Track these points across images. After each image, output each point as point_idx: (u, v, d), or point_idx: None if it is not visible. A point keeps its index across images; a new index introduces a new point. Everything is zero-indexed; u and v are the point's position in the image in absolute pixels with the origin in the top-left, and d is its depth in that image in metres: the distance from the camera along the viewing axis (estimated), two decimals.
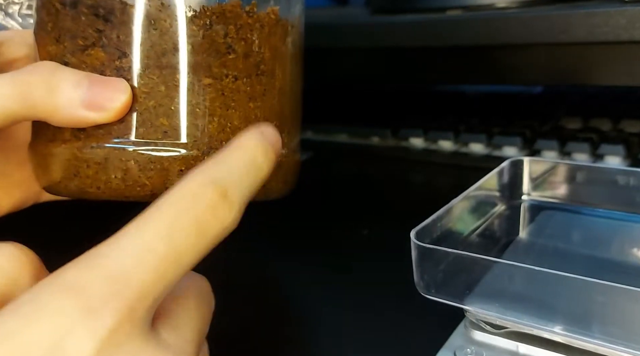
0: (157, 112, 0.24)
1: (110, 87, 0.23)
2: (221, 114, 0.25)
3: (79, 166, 0.25)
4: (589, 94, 0.58)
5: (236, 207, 0.19)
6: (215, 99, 0.25)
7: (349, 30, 0.48)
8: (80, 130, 0.25)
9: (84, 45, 0.24)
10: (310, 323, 0.27)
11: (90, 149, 0.25)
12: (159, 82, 0.24)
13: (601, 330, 0.20)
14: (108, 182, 0.25)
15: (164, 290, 0.17)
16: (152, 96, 0.24)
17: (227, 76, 0.25)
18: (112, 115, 0.23)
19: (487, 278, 0.22)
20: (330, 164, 0.51)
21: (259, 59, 0.26)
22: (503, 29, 0.40)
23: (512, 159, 0.32)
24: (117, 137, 0.24)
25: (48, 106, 0.23)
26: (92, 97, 0.23)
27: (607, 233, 0.30)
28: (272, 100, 0.27)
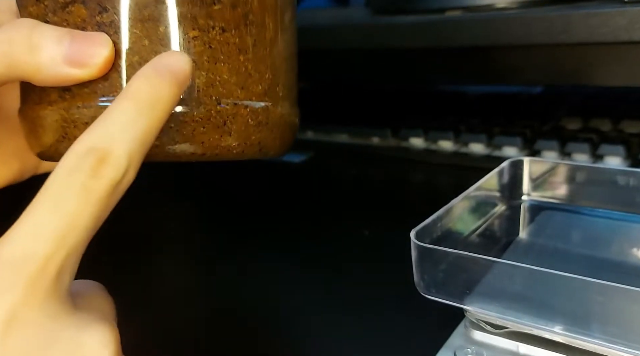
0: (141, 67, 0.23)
1: (92, 42, 0.23)
2: (209, 68, 0.24)
3: (67, 128, 0.24)
4: (589, 95, 0.58)
5: (123, 162, 0.19)
6: (203, 53, 0.24)
7: (350, 31, 0.48)
8: (65, 90, 0.24)
9: (64, 2, 0.24)
10: (310, 323, 0.27)
11: (76, 109, 0.24)
12: (142, 36, 0.24)
13: (601, 329, 0.20)
14: None
15: (69, 257, 0.18)
16: (136, 51, 0.24)
17: (213, 27, 0.24)
18: (95, 71, 0.23)
19: (487, 278, 0.22)
20: (331, 164, 0.51)
21: (247, 9, 0.25)
22: (503, 29, 0.40)
23: (512, 160, 0.32)
24: (103, 96, 0.24)
25: (30, 64, 0.23)
26: (74, 53, 0.22)
27: (607, 233, 0.30)
28: (263, 52, 0.26)
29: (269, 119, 0.26)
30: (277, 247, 0.35)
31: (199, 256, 0.35)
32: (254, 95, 0.26)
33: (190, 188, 0.47)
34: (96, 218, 0.19)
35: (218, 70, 0.24)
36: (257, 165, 0.51)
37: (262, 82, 0.26)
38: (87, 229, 0.18)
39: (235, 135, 0.25)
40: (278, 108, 0.27)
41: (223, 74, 0.25)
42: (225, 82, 0.25)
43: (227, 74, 0.25)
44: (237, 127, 0.25)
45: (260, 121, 0.26)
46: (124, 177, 0.19)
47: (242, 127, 0.25)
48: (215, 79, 0.24)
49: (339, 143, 0.54)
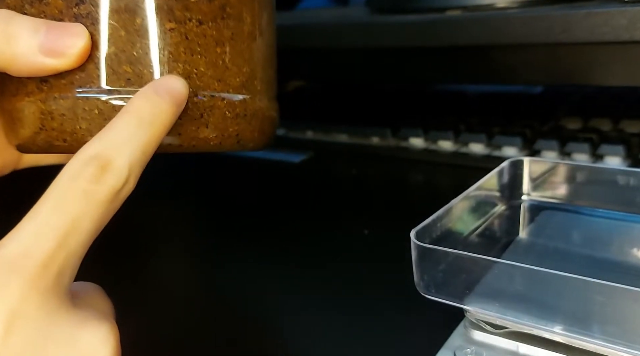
0: (119, 59, 0.24)
1: (68, 32, 0.23)
2: (186, 59, 0.24)
3: (44, 119, 0.24)
4: (589, 94, 0.58)
5: (124, 171, 0.20)
6: (179, 44, 0.24)
7: (350, 30, 0.48)
8: (42, 82, 0.24)
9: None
10: (310, 323, 0.27)
11: (53, 101, 0.24)
12: (119, 28, 0.24)
13: (601, 330, 0.20)
14: (74, 133, 0.24)
15: (70, 256, 0.19)
16: (113, 42, 0.24)
17: (190, 19, 0.24)
18: (71, 61, 0.23)
19: (487, 278, 0.22)
20: (331, 164, 0.51)
21: (224, 1, 0.25)
22: (503, 29, 0.40)
23: (512, 159, 0.32)
24: (80, 87, 0.24)
25: (6, 54, 0.23)
26: (50, 43, 0.23)
27: (607, 233, 0.30)
28: (241, 45, 0.26)
29: (247, 111, 0.26)
30: (277, 247, 0.35)
31: (198, 256, 0.35)
32: (232, 87, 0.26)
33: (190, 188, 0.47)
34: (97, 222, 0.19)
35: (195, 62, 0.24)
36: (257, 165, 0.51)
37: (239, 75, 0.26)
38: (87, 232, 0.19)
39: (212, 127, 0.25)
40: (256, 101, 0.27)
41: (200, 66, 0.25)
42: (202, 74, 0.25)
43: (204, 66, 0.25)
44: (214, 119, 0.25)
45: (238, 113, 0.26)
46: (125, 185, 0.20)
47: (220, 119, 0.25)
48: (192, 71, 0.24)
49: (339, 143, 0.54)
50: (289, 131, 0.57)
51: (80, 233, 0.19)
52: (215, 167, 0.51)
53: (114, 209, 0.20)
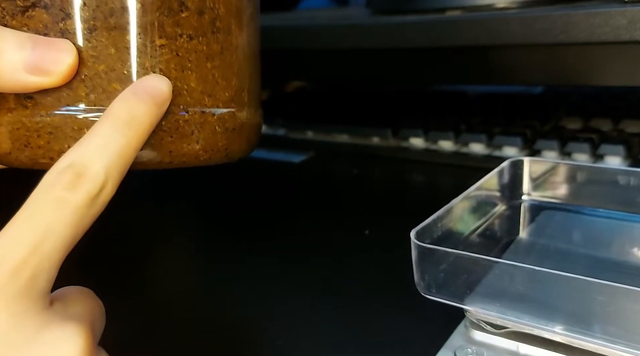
0: (108, 77, 0.23)
1: (54, 49, 0.22)
2: (177, 76, 0.24)
3: (30, 136, 0.23)
4: (590, 95, 0.58)
5: (100, 176, 0.20)
6: (170, 61, 0.24)
7: (350, 31, 0.48)
8: (28, 98, 0.23)
9: (24, 6, 0.23)
10: (310, 323, 0.27)
11: (40, 118, 0.23)
12: (108, 45, 0.23)
13: (601, 329, 0.20)
14: (61, 152, 0.23)
15: (44, 261, 0.19)
16: (102, 60, 0.23)
17: (181, 35, 0.24)
18: (57, 79, 0.22)
19: (487, 278, 0.22)
20: (331, 164, 0.51)
21: (214, 15, 0.25)
22: (503, 29, 0.40)
23: (512, 159, 0.32)
24: (68, 105, 0.23)
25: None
26: (36, 59, 0.22)
27: (607, 233, 0.30)
28: (230, 59, 0.25)
29: (236, 125, 0.26)
30: (277, 247, 0.35)
31: (197, 256, 0.35)
32: (221, 102, 0.25)
33: (190, 188, 0.47)
34: (73, 228, 0.19)
35: (186, 78, 0.24)
36: (257, 165, 0.51)
37: (229, 89, 0.26)
38: (63, 238, 0.19)
39: (203, 143, 0.25)
40: (244, 113, 0.26)
41: (191, 82, 0.24)
42: (192, 90, 0.24)
43: (195, 82, 0.24)
44: (204, 135, 0.25)
45: (227, 127, 0.26)
46: (102, 190, 0.20)
47: (210, 134, 0.25)
48: (183, 87, 0.24)
49: (339, 143, 0.54)
50: (289, 131, 0.57)
51: (55, 239, 0.19)
52: (216, 167, 0.51)
53: (93, 214, 0.20)
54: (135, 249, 0.36)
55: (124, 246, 0.36)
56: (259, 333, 0.26)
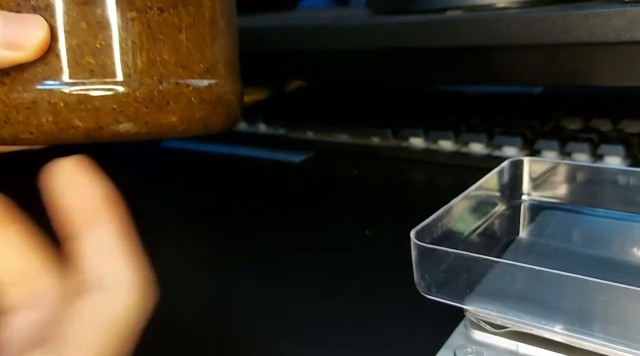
0: (81, 50, 0.24)
1: (26, 24, 0.23)
2: (149, 48, 0.24)
3: (9, 112, 0.24)
4: (589, 95, 0.58)
5: None
6: (142, 33, 0.24)
7: (350, 31, 0.48)
8: (5, 75, 0.24)
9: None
10: (310, 323, 0.27)
11: (17, 94, 0.24)
12: (79, 19, 0.23)
13: (601, 329, 0.20)
14: (40, 126, 0.24)
15: None
16: (75, 34, 0.23)
17: (151, 7, 0.24)
18: (30, 53, 0.23)
19: (487, 277, 0.22)
20: (331, 164, 0.51)
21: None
22: (503, 29, 0.40)
23: (512, 159, 0.32)
24: (44, 79, 0.24)
25: None
26: (7, 35, 0.22)
27: (607, 232, 0.30)
28: (202, 30, 0.26)
29: (212, 96, 0.26)
30: (277, 246, 0.35)
31: (197, 255, 0.35)
32: (196, 73, 0.26)
33: (190, 187, 0.47)
34: None
35: (158, 50, 0.24)
36: (257, 165, 0.51)
37: (203, 60, 0.26)
38: None
39: (179, 114, 0.25)
40: (221, 86, 0.27)
41: (163, 54, 0.25)
42: (166, 62, 0.25)
43: (168, 54, 0.25)
44: (180, 106, 0.25)
45: (204, 98, 0.26)
46: None
47: (185, 106, 0.25)
48: (156, 59, 0.24)
49: (339, 143, 0.54)
50: (289, 131, 0.57)
51: None
52: (216, 166, 0.51)
53: None
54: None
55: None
56: (258, 333, 0.26)
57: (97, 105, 0.24)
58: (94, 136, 0.24)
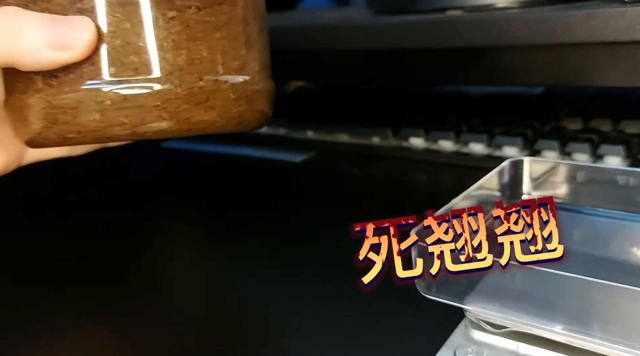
0: (125, 50, 0.24)
1: (73, 26, 0.24)
2: (188, 46, 0.25)
3: (56, 113, 0.25)
4: (590, 95, 0.58)
5: None
6: (181, 32, 0.25)
7: (351, 31, 0.48)
8: (52, 77, 0.25)
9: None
10: (309, 323, 0.27)
11: (65, 95, 0.25)
12: (123, 20, 0.24)
13: (602, 329, 0.20)
14: (87, 125, 0.25)
15: None
16: (119, 34, 0.24)
17: (189, 7, 0.25)
18: (78, 53, 0.24)
19: (487, 277, 0.22)
20: (332, 164, 0.51)
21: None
22: (504, 29, 0.40)
23: (512, 159, 0.32)
24: (90, 80, 0.24)
25: (15, 50, 0.24)
26: (57, 36, 0.23)
27: (607, 232, 0.30)
28: (236, 29, 0.27)
29: (248, 92, 0.27)
30: (277, 246, 0.35)
31: (197, 255, 0.35)
32: (232, 70, 0.27)
33: (191, 188, 0.47)
34: None
35: (197, 48, 0.25)
36: (258, 165, 0.51)
37: (238, 58, 0.27)
38: None
39: (218, 109, 0.26)
40: (255, 82, 0.28)
41: (202, 51, 0.25)
42: (204, 59, 0.26)
43: (206, 51, 0.26)
44: (218, 102, 0.26)
45: (240, 94, 0.27)
46: None
47: (223, 101, 0.26)
48: (195, 56, 0.25)
49: (340, 143, 0.54)
50: (290, 131, 0.57)
51: None
52: (217, 166, 0.51)
53: None
54: (137, 247, 0.36)
55: (126, 244, 0.36)
56: (258, 333, 0.26)
57: (142, 102, 0.25)
58: (139, 133, 0.25)
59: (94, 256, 0.35)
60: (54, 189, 0.34)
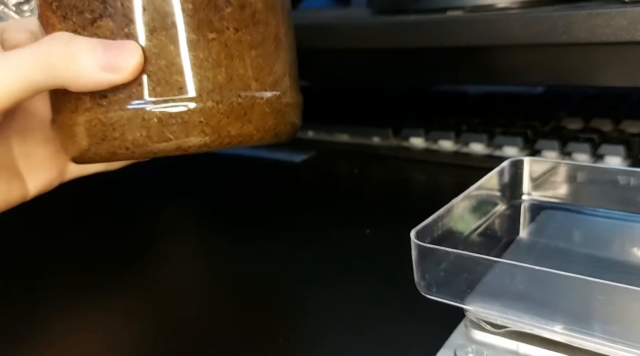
0: (170, 70, 0.26)
1: (123, 50, 0.25)
2: (227, 64, 0.27)
3: (105, 131, 0.27)
4: (590, 95, 0.58)
5: None
6: (221, 52, 0.27)
7: (351, 31, 0.48)
8: (102, 97, 0.26)
9: (92, 18, 0.26)
10: (309, 322, 0.27)
11: (114, 113, 0.26)
12: (167, 43, 0.26)
13: (602, 329, 0.20)
14: (135, 141, 0.26)
15: None
16: (163, 56, 0.26)
17: (228, 28, 0.27)
18: (128, 74, 0.25)
19: (487, 277, 0.22)
20: (332, 163, 0.51)
21: (253, 9, 0.28)
22: (504, 29, 0.40)
23: (512, 159, 0.32)
24: (138, 99, 0.26)
25: (69, 73, 0.25)
26: (108, 59, 0.25)
27: (608, 232, 0.30)
28: (270, 47, 0.29)
29: (281, 106, 0.29)
30: (277, 246, 0.35)
31: (197, 256, 0.35)
32: (267, 86, 0.28)
33: (191, 187, 0.47)
34: None
35: (235, 66, 0.27)
36: (258, 165, 0.51)
37: (272, 74, 0.29)
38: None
39: (255, 123, 0.28)
40: (287, 95, 0.30)
41: (239, 69, 0.27)
42: (242, 76, 0.27)
43: (243, 68, 0.27)
44: (255, 116, 0.28)
45: (274, 108, 0.29)
46: None
47: (260, 115, 0.28)
48: (234, 74, 0.27)
49: (340, 143, 0.54)
50: None
51: None
52: (217, 166, 0.51)
53: None
54: (138, 247, 0.36)
55: (127, 244, 0.36)
56: (258, 333, 0.26)
57: (186, 119, 0.26)
58: (183, 148, 0.27)
59: (98, 258, 0.35)
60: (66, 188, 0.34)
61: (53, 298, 0.30)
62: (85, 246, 0.36)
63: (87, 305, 0.30)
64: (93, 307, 0.29)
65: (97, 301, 0.30)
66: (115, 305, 0.29)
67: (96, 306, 0.29)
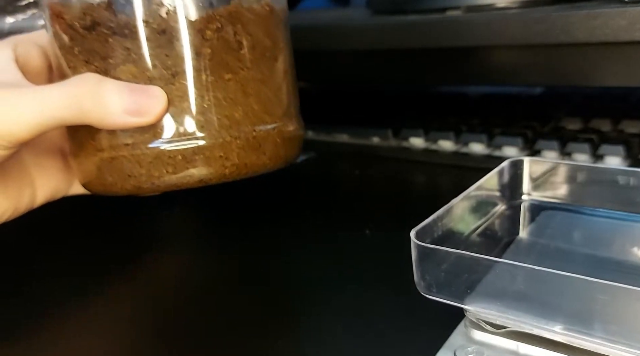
0: (192, 111, 0.27)
1: (147, 95, 0.27)
2: (243, 101, 0.28)
3: (132, 167, 0.28)
4: (590, 95, 0.58)
5: None
6: (237, 90, 0.28)
7: (350, 32, 0.48)
8: (128, 137, 0.28)
9: (115, 63, 0.27)
10: (309, 322, 0.27)
11: (140, 151, 0.28)
12: (188, 85, 0.27)
13: (602, 329, 0.20)
14: (161, 177, 0.28)
15: None
16: (186, 98, 0.27)
17: (242, 68, 0.28)
18: (152, 119, 0.27)
19: (487, 277, 0.22)
20: (332, 164, 0.51)
21: (263, 47, 0.29)
22: (503, 29, 0.40)
23: (512, 159, 0.32)
24: (162, 138, 0.27)
25: (96, 113, 0.26)
26: (133, 105, 0.26)
27: (608, 232, 0.30)
28: (278, 81, 0.30)
29: (289, 134, 0.31)
30: (277, 246, 0.35)
31: (198, 256, 0.35)
32: (277, 117, 0.30)
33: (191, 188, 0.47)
34: None
35: (249, 102, 0.29)
36: None
37: (280, 106, 0.31)
38: None
39: (269, 153, 0.30)
40: (293, 124, 0.32)
41: (254, 105, 0.29)
42: (256, 111, 0.29)
43: (256, 104, 0.29)
44: (269, 147, 0.30)
45: (284, 137, 0.31)
46: None
47: (273, 146, 0.30)
48: (249, 110, 0.29)
49: (340, 143, 0.54)
50: None
51: None
52: None
53: None
54: (140, 248, 0.36)
55: (128, 246, 0.36)
56: (258, 333, 0.26)
57: (208, 154, 0.28)
58: (205, 181, 0.29)
59: (103, 261, 0.35)
60: None
61: (53, 299, 0.30)
62: (86, 248, 0.36)
63: (87, 305, 0.30)
64: (94, 308, 0.29)
65: (98, 301, 0.30)
66: (115, 306, 0.29)
67: (96, 307, 0.29)
